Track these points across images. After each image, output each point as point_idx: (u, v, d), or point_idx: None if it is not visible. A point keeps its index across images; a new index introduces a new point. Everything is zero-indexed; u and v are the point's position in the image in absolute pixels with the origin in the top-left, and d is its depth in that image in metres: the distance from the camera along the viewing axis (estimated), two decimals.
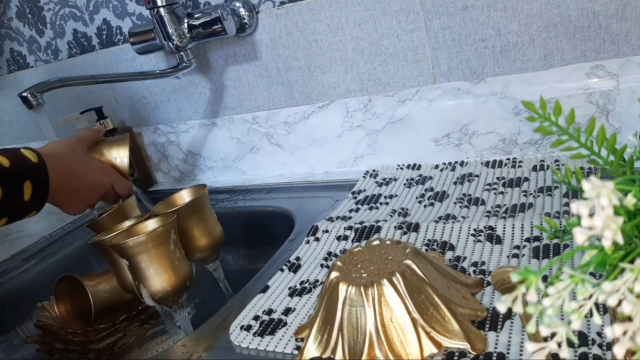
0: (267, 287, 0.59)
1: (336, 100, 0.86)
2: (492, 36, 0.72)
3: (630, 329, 0.24)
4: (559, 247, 0.51)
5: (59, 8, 1.07)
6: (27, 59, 1.19)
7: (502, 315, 0.44)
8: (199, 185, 0.71)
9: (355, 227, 0.66)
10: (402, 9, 0.76)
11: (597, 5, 0.65)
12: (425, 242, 0.59)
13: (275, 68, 0.89)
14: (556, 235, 0.36)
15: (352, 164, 0.89)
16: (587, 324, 0.40)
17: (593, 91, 0.68)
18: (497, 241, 0.55)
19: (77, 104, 1.15)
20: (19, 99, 0.75)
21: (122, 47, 1.03)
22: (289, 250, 0.68)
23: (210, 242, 0.69)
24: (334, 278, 0.46)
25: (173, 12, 0.83)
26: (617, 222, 0.23)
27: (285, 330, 0.51)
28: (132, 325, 0.72)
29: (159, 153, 1.11)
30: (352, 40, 0.81)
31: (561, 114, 0.31)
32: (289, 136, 0.93)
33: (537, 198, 0.62)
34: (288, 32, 0.85)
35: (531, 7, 0.68)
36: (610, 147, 0.31)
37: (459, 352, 0.41)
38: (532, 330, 0.26)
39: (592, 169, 0.64)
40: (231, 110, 0.97)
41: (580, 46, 0.68)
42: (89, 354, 0.70)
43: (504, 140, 0.75)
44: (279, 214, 0.83)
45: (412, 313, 0.42)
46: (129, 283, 0.64)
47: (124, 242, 0.56)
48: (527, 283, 0.24)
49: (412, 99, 0.80)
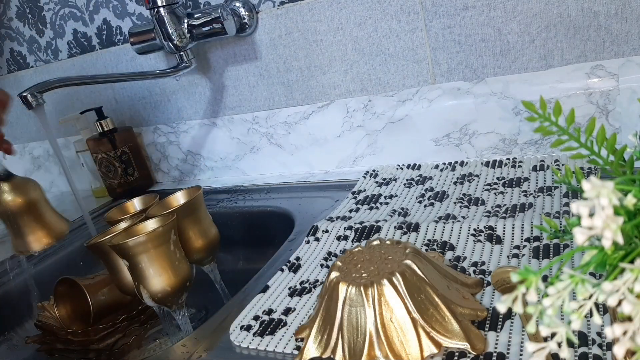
0: (267, 287, 0.59)
1: (336, 100, 0.86)
2: (492, 36, 0.72)
3: (630, 329, 0.24)
4: (559, 247, 0.51)
5: (59, 8, 1.07)
6: (27, 59, 1.19)
7: (502, 315, 0.44)
8: (194, 187, 0.71)
9: (355, 227, 0.66)
10: (402, 9, 0.76)
11: (597, 5, 0.65)
12: (425, 242, 0.59)
13: (275, 68, 0.89)
14: (556, 235, 0.36)
15: (352, 164, 0.89)
16: (587, 324, 0.40)
17: (593, 91, 0.68)
18: (497, 241, 0.55)
19: (77, 104, 1.15)
20: (19, 99, 0.75)
21: (122, 47, 1.03)
22: (289, 250, 0.68)
23: (205, 243, 0.69)
24: (334, 278, 0.46)
25: (173, 12, 0.83)
26: (617, 222, 0.23)
27: (285, 330, 0.51)
28: (132, 325, 0.72)
29: (159, 153, 1.11)
30: (352, 40, 0.81)
31: (561, 114, 0.31)
32: (289, 136, 0.93)
33: (537, 198, 0.62)
34: (288, 32, 0.85)
35: (531, 7, 0.68)
36: (610, 147, 0.31)
37: (459, 352, 0.41)
38: (532, 330, 0.26)
39: (592, 169, 0.64)
40: (231, 110, 0.97)
41: (580, 46, 0.68)
42: (89, 354, 0.70)
43: (504, 140, 0.75)
44: (279, 214, 0.83)
45: (412, 313, 0.42)
46: (127, 284, 0.64)
47: (124, 243, 0.56)
48: (527, 283, 0.24)
49: (412, 99, 0.80)
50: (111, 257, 0.64)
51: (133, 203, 0.74)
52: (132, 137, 1.09)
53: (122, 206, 0.74)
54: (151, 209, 0.68)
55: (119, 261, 0.63)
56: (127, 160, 1.07)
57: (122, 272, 0.64)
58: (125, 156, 1.06)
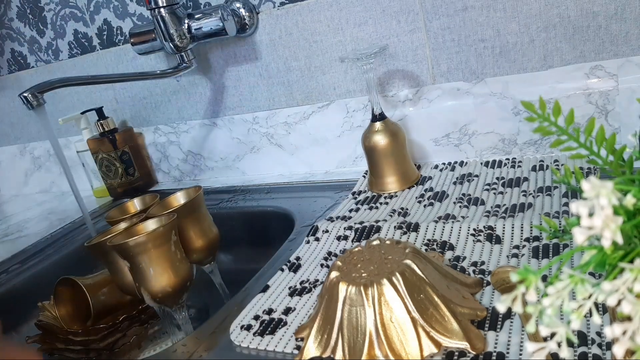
0: (267, 286, 0.59)
1: (336, 101, 0.86)
2: (491, 36, 0.72)
3: (630, 328, 0.24)
4: (559, 247, 0.51)
5: (59, 8, 1.07)
6: (27, 59, 1.19)
7: (502, 315, 0.44)
8: (195, 187, 0.71)
9: (355, 227, 0.66)
10: (402, 10, 0.76)
11: (597, 6, 0.65)
12: (425, 242, 0.59)
13: (275, 68, 0.89)
14: (556, 235, 0.36)
15: (352, 164, 0.89)
16: (586, 324, 0.40)
17: (592, 91, 0.68)
18: (496, 241, 0.55)
19: (77, 104, 1.15)
20: (20, 99, 0.75)
21: (122, 47, 1.03)
22: (289, 250, 0.68)
23: (206, 243, 0.69)
24: (334, 278, 0.46)
25: (174, 13, 0.83)
26: (616, 222, 0.23)
27: (285, 330, 0.51)
28: (133, 325, 0.72)
29: (160, 153, 1.11)
30: (352, 41, 0.81)
31: (560, 114, 0.31)
32: (289, 136, 0.93)
33: (536, 198, 0.62)
34: (288, 32, 0.85)
35: (530, 7, 0.68)
36: (609, 147, 0.31)
37: (459, 352, 0.41)
38: (531, 330, 0.26)
39: (592, 169, 0.64)
40: (231, 111, 0.98)
41: (579, 46, 0.68)
42: (89, 353, 0.70)
43: (504, 141, 0.76)
44: (279, 214, 0.83)
45: (412, 313, 0.42)
46: (127, 284, 0.64)
47: (124, 243, 0.56)
48: (527, 283, 0.24)
49: (412, 99, 0.80)
50: (111, 257, 0.64)
51: (134, 203, 0.74)
52: (132, 137, 1.09)
53: (122, 206, 0.74)
54: (151, 209, 0.68)
55: (119, 261, 0.63)
56: (127, 160, 1.07)
57: (123, 272, 0.64)
58: (125, 156, 1.06)
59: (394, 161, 0.74)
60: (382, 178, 0.75)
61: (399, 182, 0.75)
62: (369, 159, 0.76)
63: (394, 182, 0.75)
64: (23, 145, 1.33)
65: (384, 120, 0.74)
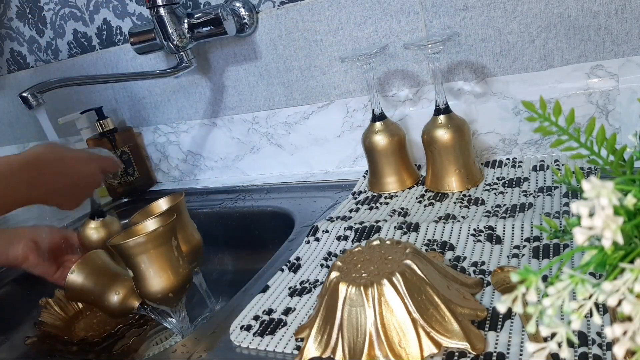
0: (267, 287, 0.59)
1: (336, 100, 0.86)
2: (492, 36, 0.72)
3: (630, 329, 0.24)
4: (559, 247, 0.51)
5: (59, 8, 1.07)
6: (27, 59, 1.19)
7: (502, 315, 0.44)
8: (176, 194, 0.70)
9: (355, 227, 0.66)
10: (402, 9, 0.76)
11: (597, 6, 0.65)
12: (425, 242, 0.59)
13: (275, 68, 0.89)
14: (556, 235, 0.36)
15: (352, 164, 0.89)
16: (587, 324, 0.40)
17: (593, 91, 0.68)
18: (497, 241, 0.55)
19: (77, 104, 1.15)
20: (19, 99, 0.75)
21: (122, 47, 1.03)
22: (289, 250, 0.68)
23: (189, 249, 0.68)
24: (334, 278, 0.46)
25: (173, 12, 0.83)
26: (617, 222, 0.23)
27: (285, 330, 0.51)
28: (132, 325, 0.72)
29: (159, 153, 1.11)
30: (352, 40, 0.81)
31: (561, 114, 0.31)
32: (289, 136, 0.93)
33: (537, 198, 0.62)
34: (288, 32, 0.85)
35: (531, 7, 0.68)
36: (610, 147, 0.31)
37: (459, 352, 0.41)
38: (532, 330, 0.26)
39: (592, 169, 0.64)
40: (231, 110, 0.97)
41: (580, 46, 0.68)
42: (89, 354, 0.70)
43: (504, 140, 0.76)
44: (279, 214, 0.83)
45: (412, 313, 0.42)
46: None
47: (124, 243, 0.56)
48: (527, 283, 0.24)
49: (412, 98, 0.80)
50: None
51: (159, 204, 0.71)
52: (132, 137, 1.09)
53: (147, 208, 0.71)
54: (133, 217, 0.68)
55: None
56: (127, 160, 1.07)
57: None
58: (125, 156, 1.06)
59: (394, 161, 0.74)
60: (382, 178, 0.75)
61: (399, 182, 0.75)
62: (369, 159, 0.76)
63: (394, 182, 0.75)
64: (22, 145, 1.33)
65: (384, 120, 0.74)
